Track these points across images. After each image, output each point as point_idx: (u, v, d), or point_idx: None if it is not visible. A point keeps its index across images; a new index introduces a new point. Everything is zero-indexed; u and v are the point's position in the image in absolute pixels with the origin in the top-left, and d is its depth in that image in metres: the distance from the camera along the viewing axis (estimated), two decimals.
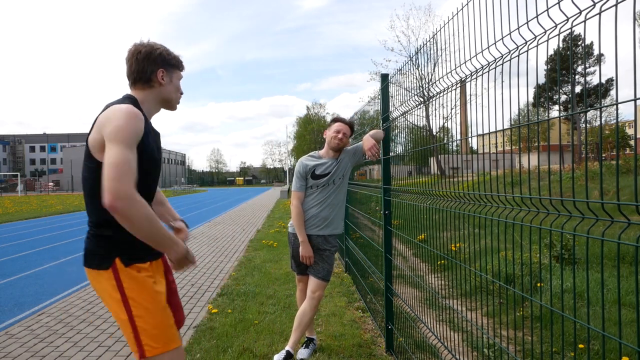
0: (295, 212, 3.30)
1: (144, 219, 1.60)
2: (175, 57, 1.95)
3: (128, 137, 1.63)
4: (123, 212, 1.56)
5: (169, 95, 1.93)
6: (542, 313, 3.53)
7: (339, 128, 3.32)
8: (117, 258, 1.73)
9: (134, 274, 1.74)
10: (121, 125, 1.62)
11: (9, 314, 4.73)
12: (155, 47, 1.88)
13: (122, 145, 1.60)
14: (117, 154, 1.59)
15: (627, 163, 14.58)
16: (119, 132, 1.61)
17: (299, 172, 3.33)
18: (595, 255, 6.05)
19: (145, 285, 1.75)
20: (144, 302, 1.72)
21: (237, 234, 11.02)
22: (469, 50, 1.77)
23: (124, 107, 1.67)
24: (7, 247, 9.66)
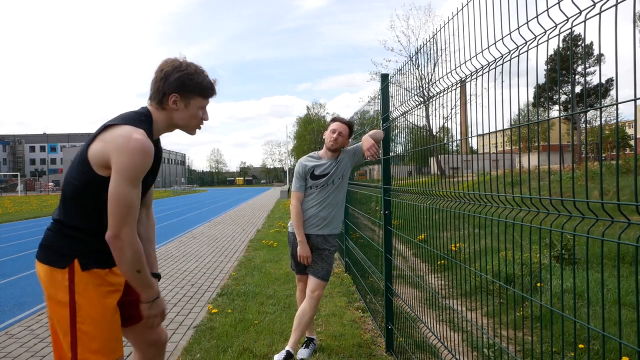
0: (294, 212, 3.31)
1: (134, 260, 1.66)
2: (198, 82, 1.79)
3: (136, 175, 1.63)
4: (119, 249, 1.64)
5: (181, 121, 1.82)
6: (542, 313, 3.53)
7: (335, 128, 3.32)
8: (76, 259, 1.69)
9: (89, 279, 1.69)
10: (133, 163, 1.61)
11: (9, 314, 4.73)
12: (179, 69, 1.76)
13: (130, 183, 1.62)
14: (125, 192, 1.61)
15: (627, 163, 14.58)
16: (129, 170, 1.61)
17: (298, 172, 3.34)
18: (595, 255, 6.05)
19: (98, 293, 1.71)
20: (92, 311, 1.68)
21: (237, 234, 11.02)
22: (469, 50, 1.77)
23: (137, 143, 1.61)
24: (7, 247, 9.66)
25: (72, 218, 1.73)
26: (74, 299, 1.67)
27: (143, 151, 1.62)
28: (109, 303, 1.74)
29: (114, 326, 1.75)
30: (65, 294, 1.67)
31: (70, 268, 1.68)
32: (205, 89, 1.82)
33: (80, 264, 1.69)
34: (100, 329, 1.69)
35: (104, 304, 1.72)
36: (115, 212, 1.61)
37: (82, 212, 1.72)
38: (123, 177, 1.60)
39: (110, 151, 1.62)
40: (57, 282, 1.69)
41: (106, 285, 1.74)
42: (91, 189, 1.68)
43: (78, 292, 1.67)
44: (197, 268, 6.86)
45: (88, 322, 1.67)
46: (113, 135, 1.64)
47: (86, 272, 1.69)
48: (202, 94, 1.82)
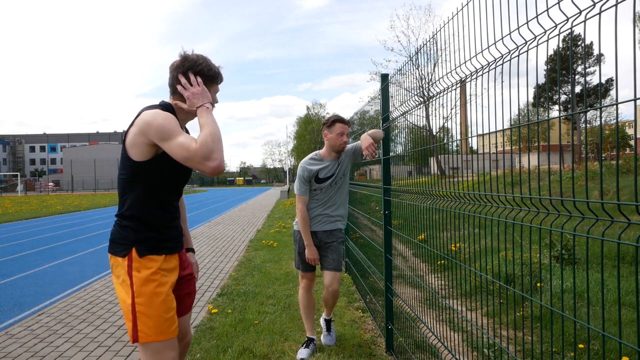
0: (300, 216, 3.36)
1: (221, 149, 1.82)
2: (215, 71, 1.99)
3: (175, 129, 1.80)
4: (220, 163, 1.81)
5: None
6: (542, 313, 3.53)
7: (342, 130, 3.34)
8: (133, 247, 1.88)
9: (145, 264, 1.88)
10: (162, 124, 1.80)
11: (9, 314, 4.73)
12: (197, 62, 1.94)
13: (174, 137, 1.79)
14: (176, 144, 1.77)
15: (627, 163, 14.58)
16: (164, 130, 1.79)
17: (302, 176, 3.36)
18: (595, 255, 6.05)
19: (152, 277, 1.88)
20: (147, 292, 1.85)
21: (237, 234, 11.02)
22: (469, 50, 1.77)
23: (154, 111, 1.84)
24: (7, 247, 9.66)
25: (125, 210, 1.93)
26: (132, 281, 1.86)
27: (161, 114, 1.83)
28: (163, 286, 1.90)
29: (166, 307, 1.89)
30: (126, 277, 1.88)
31: (129, 256, 1.88)
32: (220, 76, 2.03)
33: (137, 251, 1.89)
34: (155, 309, 1.85)
35: (158, 287, 1.88)
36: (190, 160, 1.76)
37: (132, 203, 1.91)
38: (168, 137, 1.78)
39: (142, 131, 1.82)
40: (121, 268, 1.90)
41: (160, 270, 1.91)
42: (136, 179, 1.89)
43: (136, 275, 1.87)
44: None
45: (144, 302, 1.85)
46: (137, 123, 1.84)
47: (142, 258, 1.89)
48: (217, 82, 2.03)
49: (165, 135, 1.80)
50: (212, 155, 1.76)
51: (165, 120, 1.82)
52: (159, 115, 1.83)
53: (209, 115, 1.89)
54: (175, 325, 1.92)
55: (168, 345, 1.89)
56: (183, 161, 1.79)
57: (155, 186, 1.93)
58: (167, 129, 1.80)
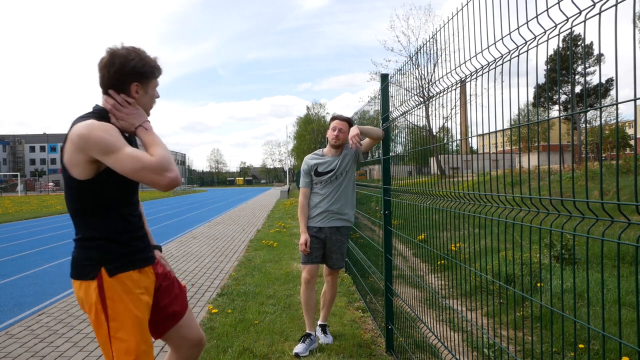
0: (299, 206, 3.59)
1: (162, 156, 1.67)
2: (151, 65, 1.81)
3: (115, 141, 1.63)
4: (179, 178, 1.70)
5: (144, 107, 1.83)
6: (542, 313, 3.53)
7: (336, 125, 3.51)
8: (102, 268, 1.72)
9: (117, 284, 1.73)
10: (100, 136, 1.61)
11: (9, 314, 4.73)
12: (129, 57, 1.75)
13: (119, 149, 1.62)
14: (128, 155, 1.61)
15: (627, 163, 14.58)
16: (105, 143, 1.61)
17: (303, 169, 3.59)
18: (595, 255, 6.05)
19: (128, 297, 1.73)
20: (124, 315, 1.72)
21: (237, 234, 11.02)
22: (469, 50, 1.77)
23: (90, 122, 1.65)
24: (7, 247, 9.66)
25: (83, 231, 1.77)
26: (106, 305, 1.71)
27: (96, 127, 1.63)
28: (140, 306, 1.77)
29: (145, 329, 1.78)
30: (98, 302, 1.72)
31: (98, 278, 1.72)
32: (157, 68, 1.85)
33: (106, 271, 1.72)
34: (133, 333, 1.72)
35: (134, 308, 1.74)
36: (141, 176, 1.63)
37: (88, 225, 1.75)
38: (110, 151, 1.61)
39: (81, 147, 1.63)
40: (91, 293, 1.73)
41: (135, 289, 1.77)
42: (85, 200, 1.72)
43: (109, 297, 1.71)
44: (197, 268, 6.86)
45: (121, 327, 1.71)
46: (73, 136, 1.65)
47: (113, 278, 1.73)
48: (155, 77, 1.85)
49: (107, 148, 1.61)
50: (170, 166, 1.64)
51: (103, 131, 1.63)
52: (95, 127, 1.63)
53: (152, 134, 1.74)
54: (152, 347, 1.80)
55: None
56: (133, 173, 1.62)
57: (108, 203, 1.74)
58: (107, 142, 1.61)
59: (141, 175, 1.63)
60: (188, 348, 2.06)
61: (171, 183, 1.66)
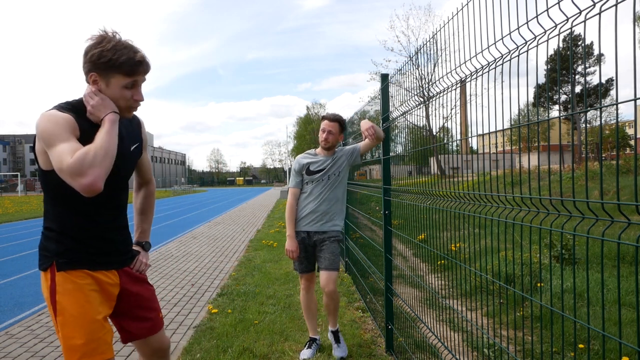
0: (287, 207, 3.42)
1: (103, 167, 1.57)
2: (114, 60, 1.63)
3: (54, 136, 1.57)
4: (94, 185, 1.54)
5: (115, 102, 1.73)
6: (542, 313, 3.53)
7: (324, 127, 3.42)
8: (54, 261, 1.70)
9: (68, 279, 1.69)
10: (44, 128, 1.58)
11: (9, 314, 4.73)
12: (97, 45, 1.64)
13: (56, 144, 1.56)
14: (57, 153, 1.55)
15: (627, 163, 14.58)
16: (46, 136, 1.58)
17: (294, 169, 3.47)
18: (595, 255, 6.05)
19: (78, 292, 1.69)
20: (71, 308, 1.67)
21: (237, 234, 11.02)
22: (469, 50, 1.77)
23: (45, 112, 1.63)
24: (7, 247, 9.66)
25: (45, 219, 1.77)
26: (55, 298, 1.68)
27: (46, 116, 1.60)
28: (91, 302, 1.71)
29: (97, 326, 1.70)
30: (48, 295, 1.70)
31: (51, 269, 1.70)
32: (123, 65, 1.64)
33: (57, 264, 1.70)
34: (82, 329, 1.67)
35: (84, 304, 1.70)
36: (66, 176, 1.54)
37: (49, 212, 1.75)
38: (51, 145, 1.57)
39: (37, 138, 1.63)
40: (44, 284, 1.73)
41: (86, 285, 1.72)
42: (49, 188, 1.72)
43: (58, 291, 1.69)
44: (197, 268, 6.86)
45: (70, 321, 1.67)
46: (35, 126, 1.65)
47: (64, 272, 1.69)
48: (122, 71, 1.66)
49: (48, 140, 1.57)
50: (87, 171, 1.50)
51: (49, 122, 1.58)
52: (44, 118, 1.60)
53: (106, 128, 1.63)
54: (105, 347, 1.71)
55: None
56: (58, 173, 1.55)
57: (70, 196, 1.66)
58: (48, 134, 1.57)
59: (62, 176, 1.55)
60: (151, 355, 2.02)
61: (83, 189, 1.52)
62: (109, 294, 1.81)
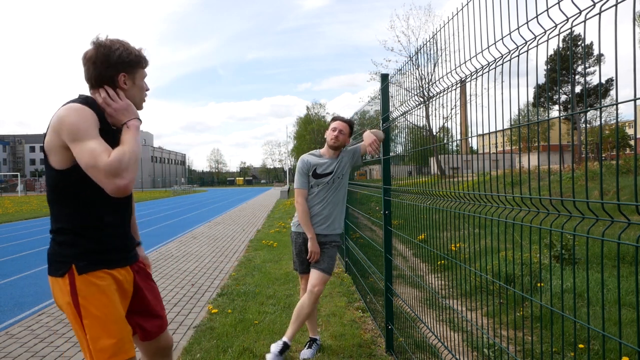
0: (300, 209, 3.32)
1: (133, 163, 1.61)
2: (136, 55, 1.78)
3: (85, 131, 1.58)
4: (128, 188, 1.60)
5: (133, 98, 1.81)
6: (542, 313, 3.53)
7: (336, 126, 3.36)
8: (72, 265, 1.69)
9: (89, 281, 1.69)
10: (74, 121, 1.58)
11: (9, 314, 4.73)
12: (113, 48, 1.72)
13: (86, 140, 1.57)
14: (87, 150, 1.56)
15: (627, 163, 14.58)
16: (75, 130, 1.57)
17: (301, 168, 3.36)
18: (595, 255, 6.05)
19: (101, 293, 1.70)
20: (96, 310, 1.69)
21: (237, 234, 11.02)
22: (469, 50, 1.77)
23: (67, 106, 1.62)
24: (7, 247, 9.66)
25: (58, 222, 1.74)
26: (78, 302, 1.68)
27: (75, 110, 1.60)
28: (113, 302, 1.74)
29: (121, 326, 1.74)
30: (69, 300, 1.69)
31: (69, 274, 1.69)
32: (143, 58, 1.81)
33: (77, 268, 1.69)
34: (108, 329, 1.69)
35: (108, 304, 1.71)
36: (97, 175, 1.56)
37: (63, 217, 1.72)
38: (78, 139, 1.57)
39: (56, 131, 1.61)
40: (63, 290, 1.71)
41: (107, 285, 1.74)
42: (62, 191, 1.69)
43: (81, 295, 1.68)
44: (197, 268, 6.86)
45: (95, 323, 1.68)
46: (53, 119, 1.64)
47: (84, 275, 1.69)
48: (143, 65, 1.82)
49: (76, 135, 1.57)
50: (123, 173, 1.56)
51: (79, 116, 1.59)
52: (72, 111, 1.60)
53: (133, 133, 1.69)
54: (130, 344, 1.76)
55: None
56: (87, 170, 1.56)
57: (86, 198, 1.69)
58: (79, 129, 1.57)
59: (92, 173, 1.57)
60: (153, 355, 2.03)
61: (117, 190, 1.57)
62: (125, 291, 1.83)
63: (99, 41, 1.73)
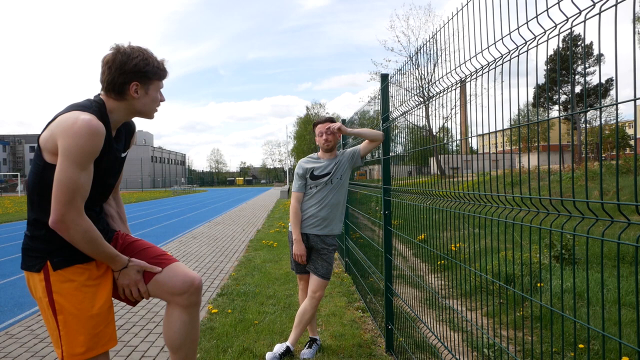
0: (292, 211, 3.39)
1: (84, 240, 1.67)
2: (155, 66, 1.79)
3: (84, 157, 1.61)
4: (64, 233, 1.63)
5: (143, 108, 1.82)
6: (542, 313, 3.53)
7: (321, 130, 3.38)
8: (47, 261, 1.70)
9: (65, 277, 1.70)
10: (79, 144, 1.58)
11: (9, 314, 4.73)
12: (132, 56, 1.73)
13: (74, 165, 1.59)
14: (69, 174, 1.58)
15: (627, 163, 14.57)
16: (73, 151, 1.58)
17: (297, 173, 3.42)
18: (595, 255, 6.05)
19: (76, 289, 1.71)
20: (72, 308, 1.70)
21: (237, 234, 11.02)
22: (469, 50, 1.77)
23: (84, 123, 1.59)
24: (7, 247, 9.66)
25: (35, 214, 1.73)
26: (53, 298, 1.69)
27: (90, 132, 1.59)
28: (89, 297, 1.74)
29: (98, 320, 1.74)
30: (44, 295, 1.70)
31: (44, 270, 1.70)
32: (161, 71, 1.83)
33: (51, 264, 1.70)
34: (83, 324, 1.70)
35: (83, 300, 1.72)
36: (59, 195, 1.59)
37: (42, 208, 1.71)
38: (69, 159, 1.58)
39: (57, 135, 1.61)
40: (37, 285, 1.72)
41: (83, 281, 1.74)
42: (45, 180, 1.67)
43: (55, 291, 1.70)
44: (197, 268, 6.86)
45: (70, 319, 1.70)
46: (60, 120, 1.63)
47: (59, 271, 1.70)
48: (160, 77, 1.84)
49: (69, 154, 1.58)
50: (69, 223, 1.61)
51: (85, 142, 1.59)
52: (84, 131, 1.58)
53: (108, 257, 1.78)
54: (107, 338, 1.77)
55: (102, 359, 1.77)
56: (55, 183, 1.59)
57: None
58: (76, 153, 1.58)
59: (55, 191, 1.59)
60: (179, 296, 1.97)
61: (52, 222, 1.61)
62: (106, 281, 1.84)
63: (118, 47, 1.76)
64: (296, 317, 3.36)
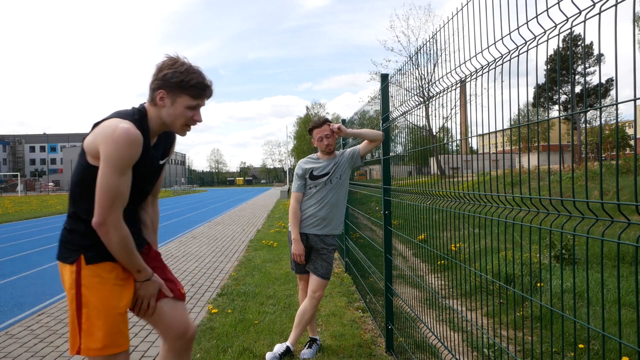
0: (291, 211, 3.41)
1: (119, 246, 1.74)
2: (185, 80, 1.79)
3: (123, 163, 1.69)
4: (104, 235, 1.72)
5: (167, 118, 1.84)
6: (542, 313, 3.53)
7: (320, 134, 3.36)
8: (81, 254, 1.77)
9: (95, 272, 1.77)
10: (118, 151, 1.67)
11: (9, 314, 4.73)
12: (169, 65, 1.79)
13: (116, 171, 1.68)
14: (112, 180, 1.68)
15: (627, 163, 14.57)
16: (115, 158, 1.67)
17: (297, 173, 3.43)
18: (595, 255, 6.05)
19: (104, 284, 1.77)
20: (97, 303, 1.75)
21: (237, 234, 11.02)
22: (469, 50, 1.77)
23: (122, 131, 1.67)
24: (7, 247, 9.66)
25: (75, 211, 1.81)
26: (80, 291, 1.75)
27: (128, 140, 1.68)
28: (115, 295, 1.80)
29: (118, 320, 1.80)
30: (72, 287, 1.76)
31: (77, 263, 1.77)
32: (192, 87, 1.81)
33: (85, 258, 1.77)
34: (105, 321, 1.75)
35: (109, 297, 1.78)
36: (101, 199, 1.69)
37: (82, 205, 1.79)
38: (109, 166, 1.68)
39: (99, 141, 1.70)
40: (68, 277, 1.78)
41: (112, 279, 1.80)
42: (87, 180, 1.75)
43: (84, 284, 1.76)
44: (197, 268, 6.86)
45: (94, 313, 1.75)
46: (102, 127, 1.73)
47: (91, 266, 1.77)
48: (190, 93, 1.82)
49: (110, 160, 1.67)
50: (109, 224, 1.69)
51: (130, 147, 1.68)
52: (128, 138, 1.67)
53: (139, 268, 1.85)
54: (123, 339, 1.81)
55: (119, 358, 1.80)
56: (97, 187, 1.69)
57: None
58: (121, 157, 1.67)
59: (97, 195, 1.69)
60: (173, 339, 2.01)
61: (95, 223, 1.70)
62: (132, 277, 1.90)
63: (169, 55, 1.83)
64: (296, 317, 3.37)
